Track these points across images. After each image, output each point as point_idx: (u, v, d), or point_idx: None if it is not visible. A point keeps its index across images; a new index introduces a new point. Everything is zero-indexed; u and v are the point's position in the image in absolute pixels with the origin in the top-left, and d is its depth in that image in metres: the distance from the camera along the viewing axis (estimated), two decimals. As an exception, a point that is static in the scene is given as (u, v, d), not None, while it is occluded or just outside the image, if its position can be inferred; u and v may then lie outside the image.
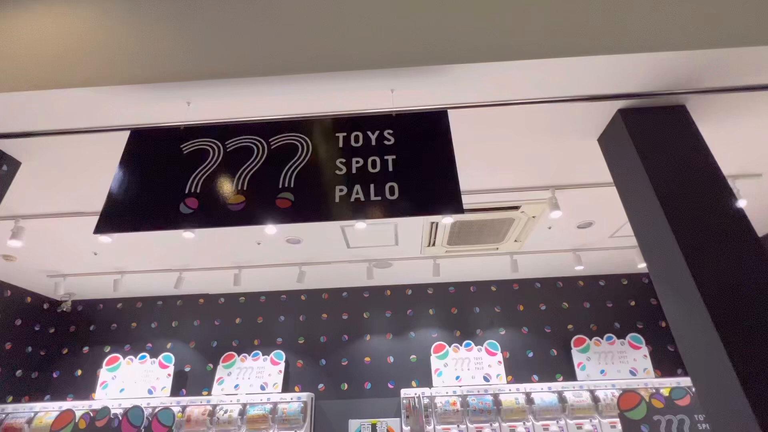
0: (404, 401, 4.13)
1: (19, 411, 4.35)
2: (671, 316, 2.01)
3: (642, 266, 4.33)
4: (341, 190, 1.84)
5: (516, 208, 3.42)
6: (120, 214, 1.88)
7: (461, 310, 5.11)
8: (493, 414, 3.98)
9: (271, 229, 3.12)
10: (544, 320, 4.98)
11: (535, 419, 3.95)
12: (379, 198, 1.81)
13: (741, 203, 2.02)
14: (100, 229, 1.83)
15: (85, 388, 4.84)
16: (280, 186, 1.88)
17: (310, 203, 1.83)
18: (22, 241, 3.37)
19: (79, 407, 4.00)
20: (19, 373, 4.86)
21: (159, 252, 4.13)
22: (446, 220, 3.15)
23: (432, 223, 3.65)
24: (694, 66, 2.05)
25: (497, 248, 4.23)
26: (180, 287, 4.54)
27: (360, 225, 3.14)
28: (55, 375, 5.01)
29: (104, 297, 5.40)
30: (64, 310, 5.22)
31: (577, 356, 4.56)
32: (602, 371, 4.43)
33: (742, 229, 1.93)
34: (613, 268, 4.99)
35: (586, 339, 4.63)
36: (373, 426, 4.02)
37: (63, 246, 3.89)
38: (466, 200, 3.24)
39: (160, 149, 2.05)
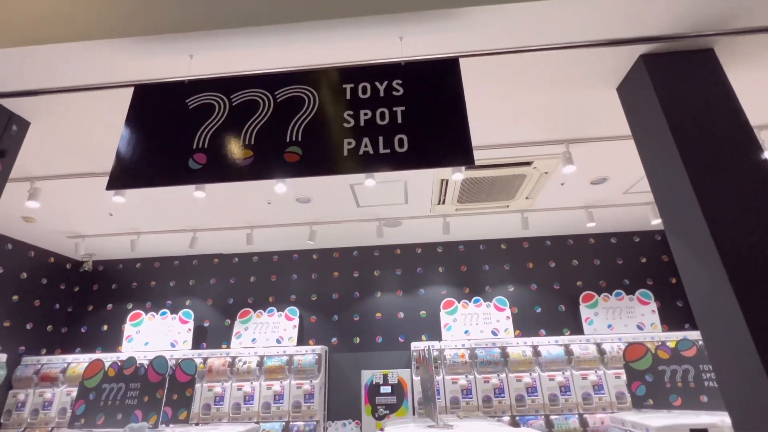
0: (414, 354, 4.29)
1: (54, 362, 4.65)
2: (684, 267, 1.99)
3: (656, 222, 4.28)
4: (349, 144, 1.81)
5: (528, 163, 3.35)
6: (129, 171, 1.89)
7: (471, 268, 5.16)
8: (501, 365, 4.12)
9: (280, 187, 3.12)
10: (553, 277, 5.02)
11: (541, 370, 4.09)
12: (388, 151, 1.78)
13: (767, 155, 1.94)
14: (111, 185, 1.85)
15: (112, 341, 5.12)
16: (288, 140, 1.86)
17: (318, 157, 1.81)
18: (39, 202, 3.45)
19: (107, 358, 4.25)
20: (49, 328, 5.14)
21: (172, 213, 4.19)
22: (456, 177, 3.11)
23: (442, 180, 3.61)
24: (724, 4, 1.90)
25: (508, 206, 4.20)
26: (195, 247, 4.65)
27: (369, 182, 3.12)
28: (83, 330, 5.29)
29: (123, 257, 5.58)
30: (86, 269, 5.42)
31: (584, 311, 4.63)
32: (609, 326, 4.51)
33: (765, 182, 1.86)
34: (625, 225, 4.94)
35: (595, 295, 4.68)
36: (385, 376, 4.21)
37: (80, 207, 3.98)
38: (477, 156, 3.18)
39: (166, 105, 2.02)
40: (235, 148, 1.86)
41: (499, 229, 4.97)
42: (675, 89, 2.09)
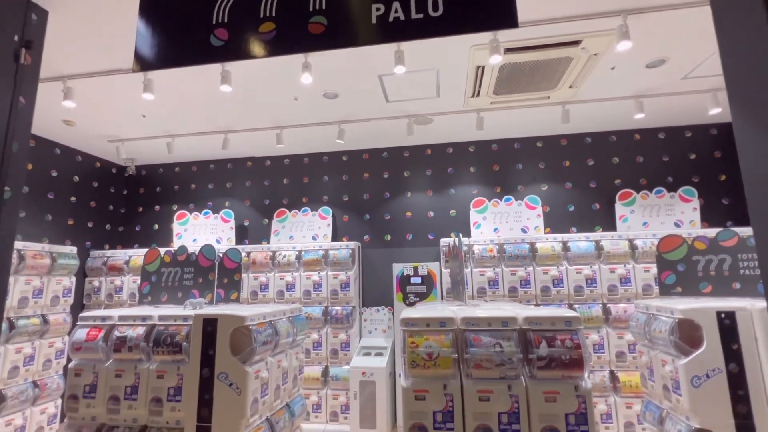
0: (444, 248, 4.44)
1: (117, 255, 5.19)
2: (745, 147, 1.82)
3: (714, 112, 3.89)
4: (378, 9, 1.65)
5: (576, 43, 3.00)
6: (152, 52, 1.83)
7: (503, 167, 5.04)
8: (529, 259, 4.22)
9: (306, 78, 2.99)
10: (590, 176, 4.84)
11: (569, 264, 4.17)
12: (420, 15, 1.61)
13: None
14: (137, 66, 1.82)
15: (164, 238, 5.59)
16: (311, 9, 1.71)
17: (345, 26, 1.67)
18: (75, 102, 3.51)
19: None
20: (108, 227, 5.64)
21: (202, 113, 4.19)
22: (494, 60, 2.84)
23: (477, 67, 3.34)
24: None
25: (548, 97, 3.90)
26: (227, 149, 4.73)
27: (399, 70, 2.92)
28: (137, 228, 5.78)
29: (162, 162, 5.81)
30: (130, 173, 5.72)
31: (620, 209, 4.52)
32: (644, 223, 4.42)
33: None
34: (677, 118, 4.53)
35: (633, 192, 4.51)
36: (415, 268, 4.44)
37: (114, 108, 4.04)
38: (517, 35, 2.87)
39: (179, -24, 1.87)
40: (256, 21, 1.74)
41: (535, 126, 4.71)
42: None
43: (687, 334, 2.60)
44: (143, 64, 1.83)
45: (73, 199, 5.10)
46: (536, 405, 1.92)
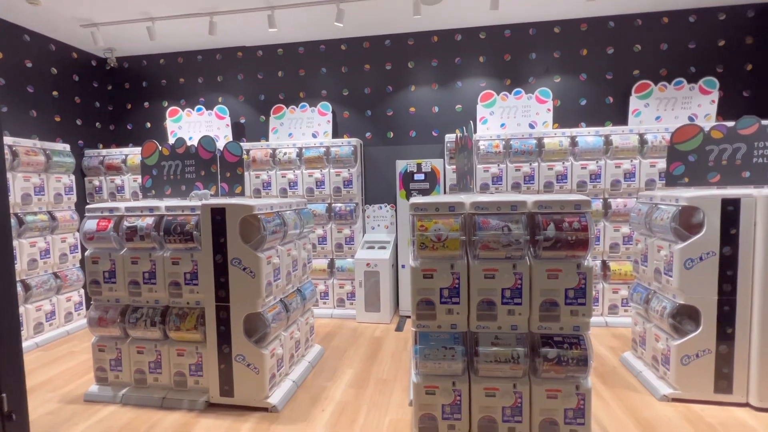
0: (449, 144, 4.33)
1: (113, 154, 5.06)
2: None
3: (758, -13, 3.46)
4: None
5: None
6: None
7: (515, 56, 4.67)
8: (535, 155, 4.15)
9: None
10: (607, 65, 4.52)
11: (575, 159, 4.11)
12: None
13: None
14: None
15: (159, 137, 5.40)
16: None
17: None
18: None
19: (159, 149, 4.55)
20: (98, 125, 5.41)
21: (181, -12, 3.71)
22: None
23: (498, -75, 2.85)
24: None
25: (575, -33, 3.42)
26: (215, 34, 4.31)
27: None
28: (129, 127, 5.55)
29: (145, 53, 5.34)
30: (112, 65, 5.30)
31: (634, 102, 4.31)
32: (657, 117, 4.25)
33: None
34: (713, -3, 4.07)
35: (651, 84, 4.26)
36: (419, 165, 4.38)
37: (79, -18, 3.55)
38: None
39: None
40: None
41: (555, 7, 4.24)
42: None
43: (685, 223, 2.65)
44: None
45: (55, 93, 4.79)
46: (539, 281, 2.03)
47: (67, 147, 4.40)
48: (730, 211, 2.48)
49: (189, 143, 3.19)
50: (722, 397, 2.54)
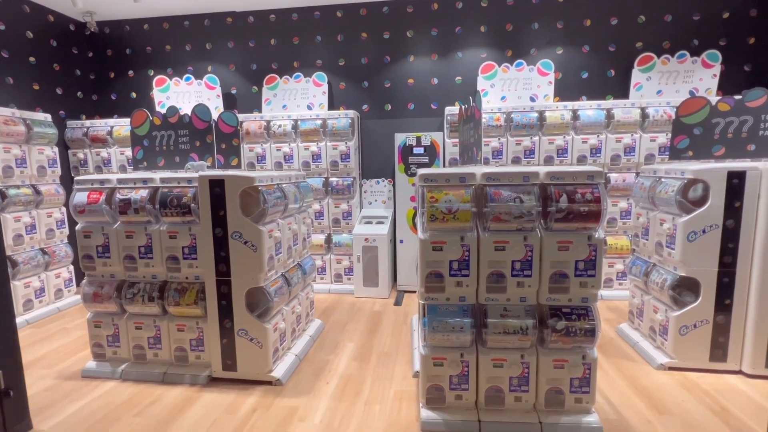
0: (449, 117, 4.23)
1: (97, 125, 4.84)
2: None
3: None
4: None
5: None
6: None
7: (517, 26, 4.53)
8: (536, 129, 4.09)
9: None
10: (610, 37, 4.42)
11: (576, 134, 4.07)
12: None
13: None
14: None
15: (145, 107, 5.15)
16: None
17: None
18: None
19: (147, 120, 4.36)
20: (80, 94, 5.14)
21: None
22: None
23: None
24: None
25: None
26: (203, -3, 4.06)
27: None
28: (113, 97, 5.29)
29: (128, 17, 5.04)
30: (92, 30, 4.99)
31: (636, 76, 4.25)
32: (659, 91, 4.21)
33: None
34: (721, -34, 3.97)
35: (654, 57, 4.19)
36: (418, 138, 4.29)
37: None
38: None
39: None
40: None
41: (560, -26, 4.09)
42: None
43: (684, 197, 2.65)
44: None
45: (32, 59, 4.50)
46: (549, 253, 2.01)
47: (48, 117, 4.17)
48: (735, 183, 2.48)
49: (182, 113, 3.04)
50: (717, 365, 2.61)
